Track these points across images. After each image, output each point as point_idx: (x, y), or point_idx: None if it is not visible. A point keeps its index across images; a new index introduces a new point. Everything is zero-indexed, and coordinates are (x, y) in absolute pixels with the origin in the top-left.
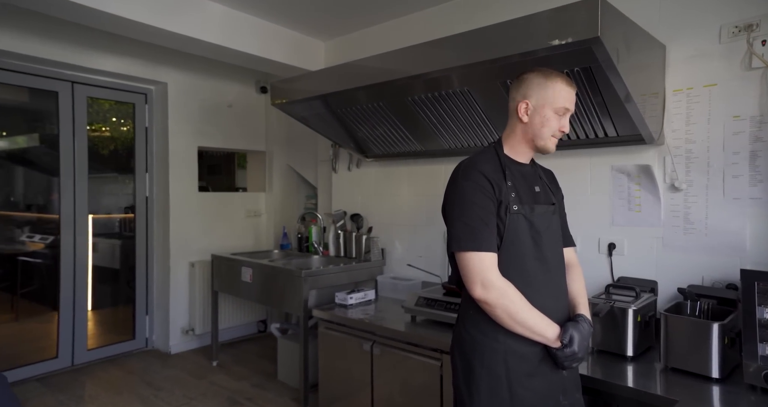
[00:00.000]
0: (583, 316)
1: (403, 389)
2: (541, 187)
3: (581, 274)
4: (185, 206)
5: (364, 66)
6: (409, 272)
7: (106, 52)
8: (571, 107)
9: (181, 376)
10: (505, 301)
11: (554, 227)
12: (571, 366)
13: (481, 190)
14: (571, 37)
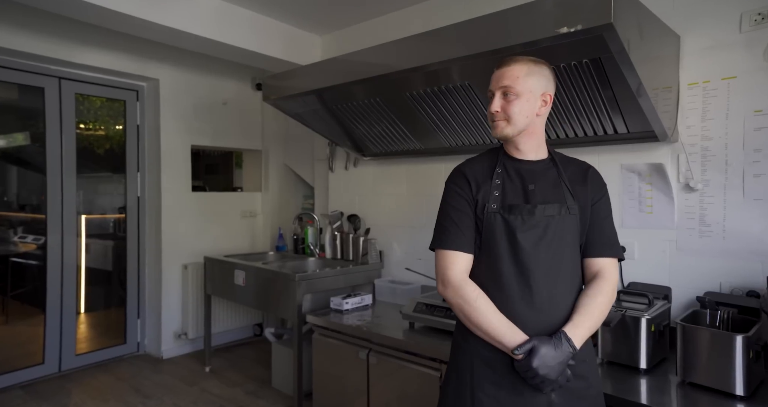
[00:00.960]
0: (563, 333)
1: (401, 400)
2: (548, 186)
3: (603, 289)
4: (178, 207)
5: (359, 60)
6: (409, 276)
7: (95, 46)
8: (493, 86)
9: (172, 383)
10: (460, 300)
11: (554, 230)
12: (536, 385)
13: (455, 190)
14: (581, 25)
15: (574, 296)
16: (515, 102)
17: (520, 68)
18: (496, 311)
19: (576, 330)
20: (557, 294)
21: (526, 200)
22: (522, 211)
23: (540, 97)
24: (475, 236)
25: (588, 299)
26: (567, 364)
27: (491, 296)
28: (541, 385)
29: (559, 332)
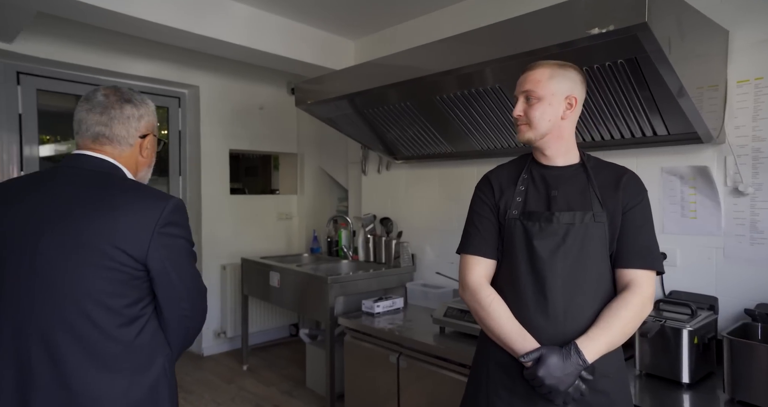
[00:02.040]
0: (574, 345)
1: (431, 405)
2: (574, 193)
3: (629, 302)
4: (217, 209)
5: (390, 64)
6: (441, 280)
7: (140, 57)
8: (517, 91)
9: (211, 379)
10: (475, 304)
11: (575, 238)
12: (545, 395)
13: (480, 196)
14: (613, 25)
15: (597, 308)
16: (536, 106)
17: (543, 72)
18: (510, 317)
19: (590, 342)
20: (575, 305)
21: (548, 207)
22: (540, 218)
23: (564, 100)
24: (498, 242)
25: (609, 311)
26: (578, 377)
27: (508, 303)
28: (549, 396)
29: (571, 343)
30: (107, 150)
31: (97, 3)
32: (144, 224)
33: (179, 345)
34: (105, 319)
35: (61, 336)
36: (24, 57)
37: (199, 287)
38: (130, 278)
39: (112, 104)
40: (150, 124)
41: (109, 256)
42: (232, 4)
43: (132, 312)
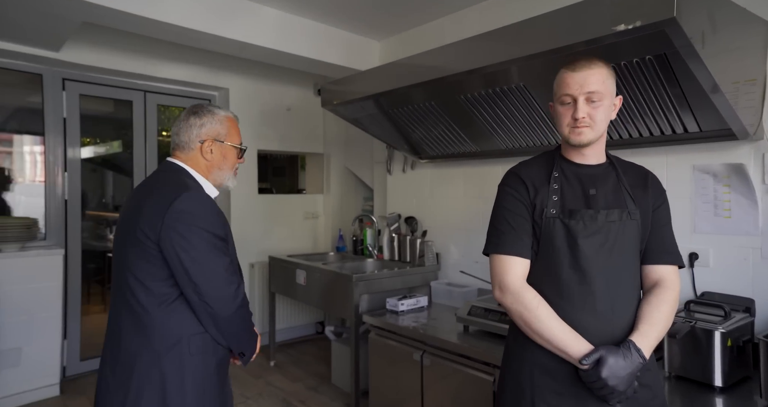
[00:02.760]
0: (631, 342)
1: (455, 402)
2: (609, 190)
3: (667, 298)
4: (246, 208)
5: (415, 64)
6: (465, 279)
7: (172, 61)
8: (575, 91)
9: (240, 374)
10: (520, 307)
11: (615, 235)
12: (605, 397)
13: (511, 193)
14: (639, 21)
15: (635, 304)
16: (600, 108)
17: (601, 71)
18: (558, 319)
19: (644, 339)
20: (619, 302)
21: (587, 205)
22: (584, 216)
23: (613, 101)
24: (532, 241)
25: (652, 307)
26: (636, 375)
27: (550, 303)
28: (609, 396)
29: (628, 341)
30: (178, 155)
31: (136, 11)
32: (158, 210)
33: (216, 332)
34: (138, 290)
35: (121, 301)
36: (69, 64)
37: (215, 274)
38: (153, 257)
39: (183, 117)
40: (212, 130)
41: (137, 236)
42: (261, 8)
43: (159, 288)
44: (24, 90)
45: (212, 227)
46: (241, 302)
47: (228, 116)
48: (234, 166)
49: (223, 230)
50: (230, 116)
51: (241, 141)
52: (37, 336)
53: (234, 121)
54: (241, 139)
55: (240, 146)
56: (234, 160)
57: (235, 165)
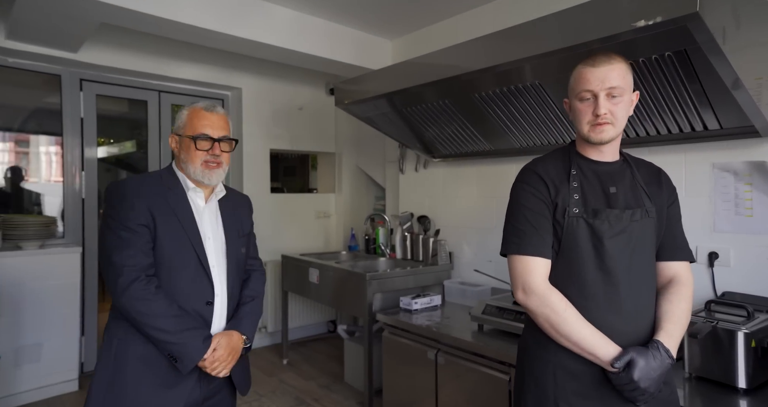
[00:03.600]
0: (659, 342)
1: (469, 401)
2: (626, 188)
3: (685, 295)
4: (258, 207)
5: (427, 62)
6: (479, 278)
7: (186, 61)
8: (596, 86)
9: (253, 372)
10: (546, 310)
11: (638, 234)
12: (634, 398)
13: (532, 192)
14: (660, 17)
15: (654, 302)
16: (621, 104)
17: (621, 66)
18: (586, 321)
19: (670, 339)
20: (642, 301)
21: (609, 204)
22: (609, 216)
23: (632, 97)
24: (552, 241)
25: (672, 305)
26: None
27: (574, 305)
28: (640, 398)
29: (655, 342)
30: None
31: (153, 12)
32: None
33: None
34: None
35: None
36: (86, 65)
37: (106, 261)
38: None
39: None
40: (176, 125)
41: None
42: (275, 7)
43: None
44: (42, 91)
45: (115, 213)
46: (131, 296)
47: (192, 108)
48: (197, 158)
49: (133, 220)
50: (195, 107)
51: (202, 131)
52: (57, 332)
53: (197, 111)
54: (199, 128)
55: (192, 135)
56: (193, 151)
57: (198, 157)
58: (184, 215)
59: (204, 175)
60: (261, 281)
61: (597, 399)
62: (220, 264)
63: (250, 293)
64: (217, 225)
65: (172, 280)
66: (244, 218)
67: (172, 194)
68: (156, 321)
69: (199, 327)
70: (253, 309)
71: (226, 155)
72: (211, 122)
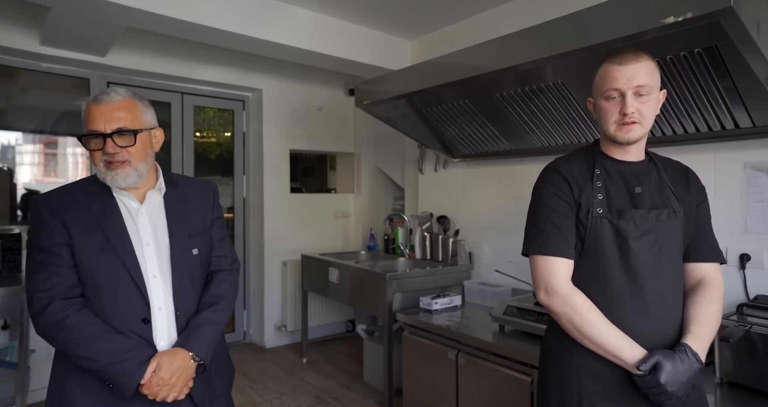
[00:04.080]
0: (687, 346)
1: (491, 402)
2: (652, 188)
3: (714, 297)
4: (278, 207)
5: (447, 62)
6: (499, 278)
7: (209, 63)
8: (624, 85)
9: (274, 370)
10: (569, 311)
11: (664, 235)
12: (661, 402)
13: (555, 192)
14: (691, 12)
15: (681, 304)
16: (649, 103)
17: (649, 65)
18: (610, 323)
19: (698, 342)
20: (669, 303)
21: (634, 204)
22: (634, 216)
23: (659, 96)
24: (575, 241)
25: (701, 308)
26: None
27: (598, 307)
28: (667, 402)
29: (683, 345)
30: None
31: (179, 16)
32: None
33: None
34: None
35: None
36: (113, 68)
37: (27, 286)
38: None
39: None
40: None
41: None
42: (296, 9)
43: None
44: (70, 94)
45: (31, 234)
46: (45, 323)
47: (85, 103)
48: (96, 159)
49: (46, 239)
50: (87, 100)
51: (89, 127)
52: None
53: (87, 104)
54: (87, 124)
55: (80, 134)
56: (90, 152)
57: (96, 158)
58: (111, 224)
59: (107, 177)
60: (228, 282)
61: (622, 401)
62: (164, 273)
63: (208, 299)
64: (159, 227)
65: (101, 299)
66: (200, 211)
67: (97, 203)
68: (78, 349)
69: (135, 348)
70: (209, 317)
71: (133, 149)
72: (100, 114)
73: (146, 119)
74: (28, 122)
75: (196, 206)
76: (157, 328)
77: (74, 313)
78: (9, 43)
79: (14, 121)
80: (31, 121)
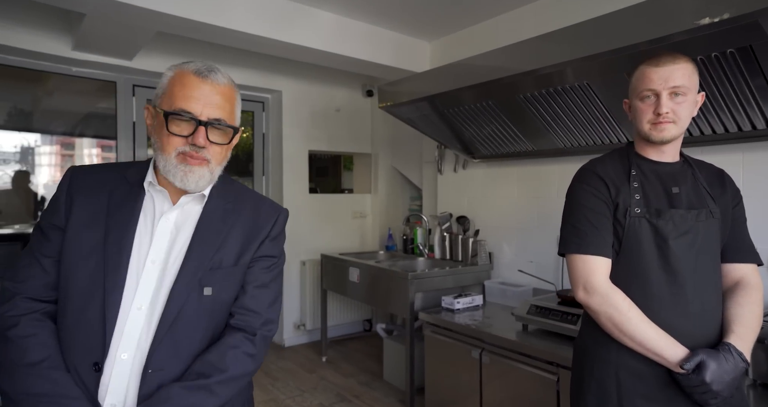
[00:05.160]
0: (731, 345)
1: (515, 401)
2: (689, 189)
3: (755, 299)
4: (297, 207)
5: (471, 64)
6: (519, 278)
7: (231, 65)
8: (659, 86)
9: (294, 369)
10: (609, 309)
11: (703, 235)
12: (705, 401)
13: (592, 192)
14: (728, 13)
15: (721, 304)
16: (685, 103)
17: (687, 66)
18: (650, 322)
19: (742, 342)
20: (708, 302)
21: (671, 204)
22: (674, 216)
23: (696, 98)
24: (612, 241)
25: (743, 309)
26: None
27: (638, 305)
28: (712, 401)
29: (727, 345)
30: None
31: (207, 20)
32: None
33: None
34: None
35: None
36: (139, 71)
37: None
38: None
39: None
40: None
41: None
42: (318, 12)
43: None
44: (95, 97)
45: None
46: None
47: (179, 69)
48: (170, 145)
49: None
50: (183, 69)
51: (182, 106)
52: None
53: (184, 74)
54: (179, 101)
55: (167, 110)
56: (165, 135)
57: (171, 144)
58: (119, 221)
59: (177, 173)
60: (241, 352)
61: (664, 401)
62: (155, 308)
63: (199, 368)
64: (178, 245)
65: (66, 318)
66: (243, 239)
67: (123, 190)
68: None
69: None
70: (183, 396)
71: (218, 148)
72: (200, 94)
73: (238, 115)
74: (53, 125)
75: (240, 232)
76: (110, 383)
77: (27, 323)
78: (43, 49)
79: (39, 123)
80: (57, 123)
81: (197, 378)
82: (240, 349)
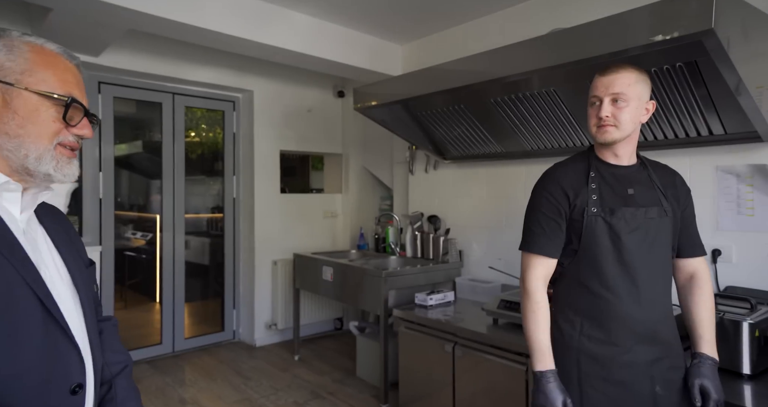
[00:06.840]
0: (703, 356)
1: (487, 392)
2: (644, 189)
3: (709, 293)
4: (268, 207)
5: (445, 70)
6: (488, 275)
7: (201, 64)
8: (601, 92)
9: (267, 368)
10: (527, 302)
11: (654, 230)
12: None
13: (547, 197)
14: (677, 32)
15: (669, 293)
16: (626, 109)
17: (629, 76)
18: (547, 329)
19: (710, 346)
20: (657, 292)
21: (625, 203)
22: (625, 214)
23: (644, 105)
24: (564, 241)
25: (701, 308)
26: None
27: (594, 295)
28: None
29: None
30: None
31: (180, 19)
32: None
33: None
34: None
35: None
36: (105, 68)
37: None
38: None
39: None
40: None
41: None
42: (293, 14)
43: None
44: None
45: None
46: None
47: (34, 44)
48: (48, 132)
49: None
50: (42, 45)
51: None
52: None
53: (50, 54)
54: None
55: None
56: (43, 121)
57: (51, 131)
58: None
59: (59, 165)
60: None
61: (616, 382)
62: (77, 314)
63: (120, 358)
64: (48, 249)
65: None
66: (78, 239)
67: None
68: None
69: None
70: (132, 384)
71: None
72: (78, 81)
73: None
74: None
75: (70, 231)
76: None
77: None
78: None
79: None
80: None
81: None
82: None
